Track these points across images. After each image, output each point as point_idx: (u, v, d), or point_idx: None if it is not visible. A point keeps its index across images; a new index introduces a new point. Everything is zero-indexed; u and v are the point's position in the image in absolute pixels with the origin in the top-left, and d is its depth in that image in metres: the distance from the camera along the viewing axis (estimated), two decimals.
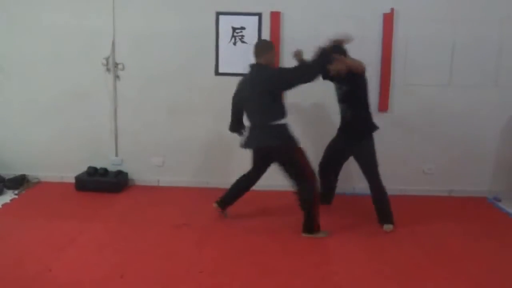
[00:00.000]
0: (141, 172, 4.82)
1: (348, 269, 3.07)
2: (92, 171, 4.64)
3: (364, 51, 4.43)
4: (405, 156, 4.67)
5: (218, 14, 4.49)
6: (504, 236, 3.74)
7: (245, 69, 3.69)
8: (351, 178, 4.65)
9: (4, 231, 3.56)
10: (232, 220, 3.83)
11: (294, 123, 3.68)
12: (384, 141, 4.61)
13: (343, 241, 3.49)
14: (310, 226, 3.49)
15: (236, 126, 3.84)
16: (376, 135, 4.57)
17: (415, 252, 3.36)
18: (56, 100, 4.66)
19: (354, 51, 4.41)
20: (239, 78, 3.79)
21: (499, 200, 4.58)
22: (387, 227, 3.72)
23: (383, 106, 4.54)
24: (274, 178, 3.88)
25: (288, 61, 4.46)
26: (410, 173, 4.71)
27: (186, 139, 4.70)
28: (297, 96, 4.29)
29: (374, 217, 3.89)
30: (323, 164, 4.03)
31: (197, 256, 3.19)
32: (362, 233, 3.66)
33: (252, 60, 3.62)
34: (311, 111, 4.60)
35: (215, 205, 3.84)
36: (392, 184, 4.68)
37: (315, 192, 3.48)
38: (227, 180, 4.50)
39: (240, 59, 4.47)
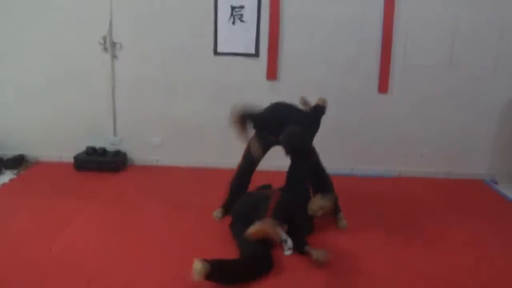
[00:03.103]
0: (140, 152, 4.82)
1: (338, 249, 3.11)
2: (91, 151, 4.64)
3: (364, 31, 4.41)
4: (403, 138, 4.67)
5: None
6: (501, 219, 3.76)
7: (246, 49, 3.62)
8: (349, 160, 4.67)
9: (3, 211, 3.58)
10: None
11: None
12: (383, 122, 4.62)
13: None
14: None
15: None
16: (375, 116, 4.60)
17: (409, 234, 3.39)
18: (53, 80, 4.62)
19: (355, 31, 4.41)
20: (239, 58, 3.75)
21: (496, 183, 4.61)
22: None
23: (383, 87, 4.52)
24: (274, 158, 3.87)
25: (287, 42, 4.43)
26: (408, 155, 4.72)
27: (185, 119, 4.69)
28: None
29: (373, 197, 3.92)
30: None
31: (195, 234, 3.21)
32: (357, 214, 3.69)
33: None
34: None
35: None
36: (390, 166, 4.72)
37: None
38: (225, 160, 4.52)
39: (239, 38, 4.43)
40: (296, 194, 3.30)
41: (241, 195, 3.49)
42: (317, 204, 3.29)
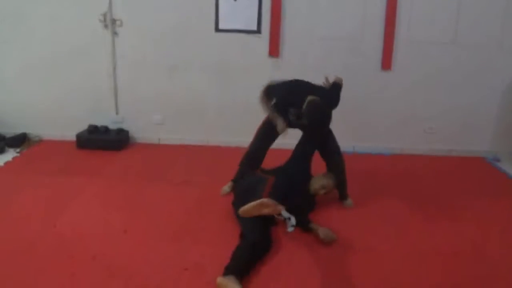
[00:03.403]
0: (142, 130, 4.82)
1: (342, 226, 3.13)
2: (93, 129, 4.64)
3: (368, 7, 4.36)
4: (406, 115, 4.66)
5: None
6: (501, 195, 3.78)
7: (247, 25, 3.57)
8: (351, 138, 4.67)
9: (7, 188, 3.60)
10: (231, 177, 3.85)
11: None
12: (386, 100, 4.61)
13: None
14: None
15: None
16: (378, 93, 4.58)
17: (412, 210, 3.41)
18: (54, 58, 4.59)
19: (358, 7, 4.36)
20: (241, 35, 3.71)
21: (498, 160, 4.61)
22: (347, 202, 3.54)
23: (386, 64, 4.49)
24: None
25: (289, 18, 4.39)
26: (410, 132, 4.72)
27: (187, 96, 4.67)
28: None
29: (374, 175, 3.92)
30: None
31: (198, 212, 3.23)
32: (360, 190, 3.70)
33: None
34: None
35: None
36: (392, 143, 4.73)
37: None
38: (227, 138, 4.53)
39: (241, 15, 4.39)
40: (297, 170, 3.31)
41: (260, 152, 3.51)
42: (319, 183, 3.31)
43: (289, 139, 3.39)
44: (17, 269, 2.48)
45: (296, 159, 3.38)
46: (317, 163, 3.47)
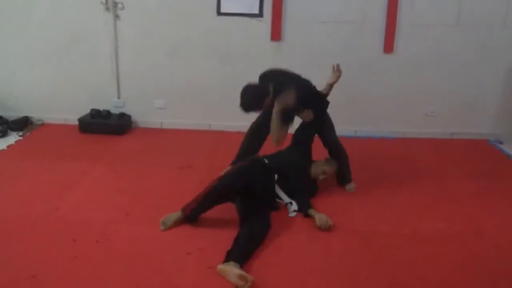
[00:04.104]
0: (144, 115, 4.82)
1: (344, 210, 3.15)
2: (95, 113, 4.64)
3: None
4: (408, 99, 4.64)
5: None
6: (504, 178, 3.79)
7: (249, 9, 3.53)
8: (353, 122, 4.66)
9: (10, 171, 3.62)
10: None
11: None
12: (388, 83, 4.58)
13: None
14: None
15: None
16: (380, 77, 4.55)
17: (413, 193, 3.43)
18: (56, 42, 4.57)
19: None
20: (242, 19, 3.68)
21: (501, 143, 4.60)
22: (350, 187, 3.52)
23: (389, 47, 4.44)
24: None
25: (291, 1, 4.34)
26: (412, 115, 4.70)
27: (189, 81, 4.65)
28: None
29: (376, 158, 3.92)
30: None
31: None
32: (362, 174, 3.71)
33: None
34: None
35: None
36: (394, 127, 4.72)
37: None
38: (229, 123, 4.53)
39: None
40: (298, 154, 3.35)
41: (252, 152, 3.50)
42: (320, 168, 3.33)
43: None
44: (20, 252, 2.51)
45: (296, 144, 3.39)
46: (318, 148, 3.48)
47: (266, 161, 3.15)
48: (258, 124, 3.54)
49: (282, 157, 3.29)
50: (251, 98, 3.17)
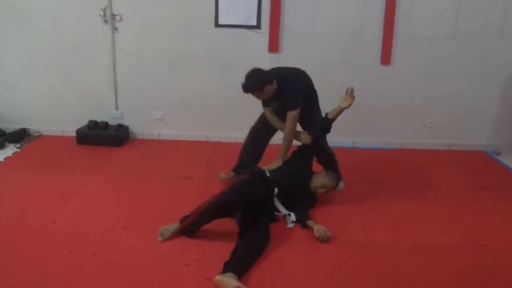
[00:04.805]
0: (142, 126, 4.81)
1: (343, 221, 3.14)
2: (93, 125, 4.64)
3: (367, 2, 4.35)
4: (406, 110, 4.66)
5: None
6: (502, 189, 3.80)
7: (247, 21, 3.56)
8: (351, 133, 4.66)
9: (7, 183, 3.61)
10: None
11: None
12: (386, 95, 4.60)
13: (341, 193, 3.54)
14: None
15: None
16: (378, 89, 4.57)
17: (412, 204, 3.42)
18: (54, 54, 4.58)
19: (358, 2, 4.34)
20: (240, 31, 3.70)
21: (498, 154, 4.61)
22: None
23: (386, 59, 4.47)
24: None
25: (289, 13, 4.37)
26: (410, 127, 4.72)
27: (187, 92, 4.66)
28: None
29: (375, 170, 3.92)
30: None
31: None
32: (360, 185, 3.70)
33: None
34: None
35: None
36: (392, 138, 4.73)
37: None
38: (227, 134, 4.53)
39: (241, 9, 4.37)
40: (298, 166, 3.35)
41: (252, 159, 3.53)
42: (320, 181, 3.32)
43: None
44: (17, 264, 2.48)
45: (298, 155, 3.40)
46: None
47: (267, 174, 3.14)
48: (258, 129, 3.58)
49: (282, 170, 3.29)
50: (255, 78, 3.20)
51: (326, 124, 3.33)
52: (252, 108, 3.55)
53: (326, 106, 3.40)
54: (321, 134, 3.39)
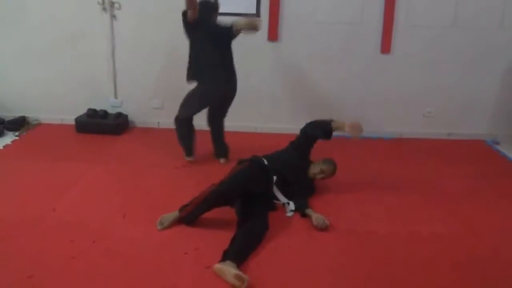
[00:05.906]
0: (141, 114, 4.81)
1: (341, 210, 3.15)
2: (92, 113, 4.63)
3: None
4: (405, 99, 4.65)
5: None
6: (501, 178, 3.80)
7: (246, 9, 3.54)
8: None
9: (6, 171, 3.61)
10: (231, 162, 3.86)
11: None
12: (385, 84, 4.59)
13: (340, 182, 3.54)
14: None
15: None
16: (377, 77, 4.55)
17: (410, 193, 3.43)
18: (53, 42, 4.55)
19: None
20: (238, 19, 3.68)
21: (498, 143, 4.61)
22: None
23: (386, 47, 4.45)
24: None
25: (288, 2, 4.34)
26: (409, 116, 4.71)
27: (185, 81, 4.63)
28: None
29: (374, 159, 3.92)
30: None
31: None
32: (359, 174, 3.71)
33: None
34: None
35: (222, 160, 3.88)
36: (391, 127, 4.73)
37: None
38: (226, 122, 4.50)
39: None
40: (296, 156, 3.36)
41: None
42: (318, 168, 3.33)
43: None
44: (17, 253, 2.50)
45: (294, 148, 3.42)
46: (316, 150, 3.49)
47: (266, 162, 3.15)
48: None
49: (281, 158, 3.29)
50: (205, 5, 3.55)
51: (327, 128, 3.32)
52: (251, 97, 3.54)
53: (325, 98, 3.40)
54: (324, 138, 3.37)
